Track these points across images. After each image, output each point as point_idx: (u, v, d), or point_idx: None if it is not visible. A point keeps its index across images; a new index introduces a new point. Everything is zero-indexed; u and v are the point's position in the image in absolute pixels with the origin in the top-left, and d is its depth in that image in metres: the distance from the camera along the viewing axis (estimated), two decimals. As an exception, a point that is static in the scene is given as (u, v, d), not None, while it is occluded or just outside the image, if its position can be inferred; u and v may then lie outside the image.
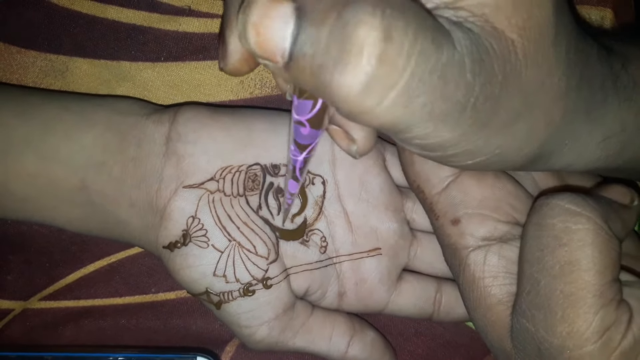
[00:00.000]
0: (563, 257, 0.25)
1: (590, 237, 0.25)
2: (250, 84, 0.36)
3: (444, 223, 0.30)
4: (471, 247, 0.29)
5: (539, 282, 0.25)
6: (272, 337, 0.33)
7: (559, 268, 0.25)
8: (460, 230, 0.29)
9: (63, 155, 0.31)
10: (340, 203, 0.34)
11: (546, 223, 0.26)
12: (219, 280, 0.31)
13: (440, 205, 0.30)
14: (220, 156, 0.32)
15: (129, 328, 0.36)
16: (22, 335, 0.36)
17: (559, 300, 0.25)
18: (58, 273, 0.36)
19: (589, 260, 0.24)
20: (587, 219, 0.25)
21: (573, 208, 0.25)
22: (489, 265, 0.28)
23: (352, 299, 0.34)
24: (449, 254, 0.30)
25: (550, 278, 0.25)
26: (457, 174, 0.30)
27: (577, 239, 0.25)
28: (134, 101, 0.34)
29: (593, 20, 0.38)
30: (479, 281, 0.28)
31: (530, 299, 0.26)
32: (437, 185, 0.30)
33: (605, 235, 0.25)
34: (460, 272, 0.29)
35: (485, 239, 0.29)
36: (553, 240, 0.25)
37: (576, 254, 0.24)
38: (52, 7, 0.35)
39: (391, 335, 0.37)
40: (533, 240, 0.26)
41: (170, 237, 0.31)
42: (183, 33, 0.36)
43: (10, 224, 0.36)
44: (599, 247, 0.25)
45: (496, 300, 0.28)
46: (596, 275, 0.24)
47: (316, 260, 0.33)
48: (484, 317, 0.29)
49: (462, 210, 0.29)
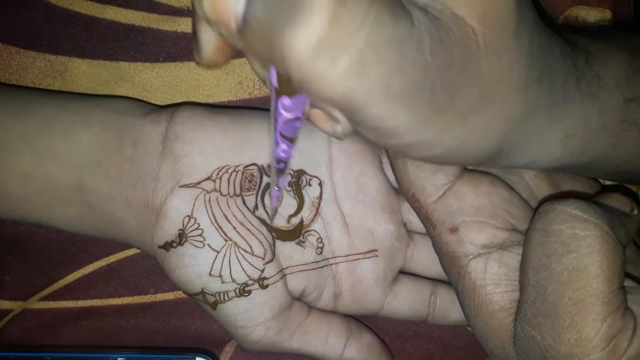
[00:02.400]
0: (571, 264, 0.24)
1: (598, 244, 0.24)
2: (249, 85, 0.36)
3: (441, 231, 0.29)
4: (471, 255, 0.29)
5: (545, 289, 0.25)
6: (269, 337, 0.32)
7: (567, 275, 0.24)
8: (458, 238, 0.29)
9: (60, 155, 0.31)
10: (337, 204, 0.34)
11: (553, 229, 0.25)
12: (215, 280, 0.31)
13: (437, 214, 0.30)
14: (217, 156, 0.32)
15: (128, 328, 0.36)
16: (21, 335, 0.36)
17: (567, 307, 0.24)
18: (57, 273, 0.37)
19: (597, 267, 0.24)
20: (594, 225, 0.25)
21: (580, 214, 0.25)
22: (490, 273, 0.28)
23: (347, 300, 0.34)
24: (447, 262, 0.30)
25: (557, 285, 0.25)
26: (453, 182, 0.29)
27: (585, 245, 0.24)
28: (131, 101, 0.34)
29: (592, 21, 0.37)
30: (480, 289, 0.28)
31: (537, 306, 0.25)
32: (432, 193, 0.30)
33: (612, 242, 0.25)
34: (460, 281, 0.29)
35: (485, 247, 0.29)
36: (560, 246, 0.25)
37: (585, 261, 0.24)
38: (51, 7, 0.35)
39: (389, 337, 0.37)
40: (538, 247, 0.26)
41: (166, 237, 0.31)
42: (182, 33, 0.36)
43: (9, 224, 0.36)
44: (606, 254, 0.24)
45: (498, 307, 0.28)
46: (604, 282, 0.24)
47: (312, 261, 0.33)
48: (485, 325, 0.28)
49: (460, 218, 0.29)
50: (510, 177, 0.32)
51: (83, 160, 0.31)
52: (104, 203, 0.32)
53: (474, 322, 0.29)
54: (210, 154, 0.32)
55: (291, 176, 0.33)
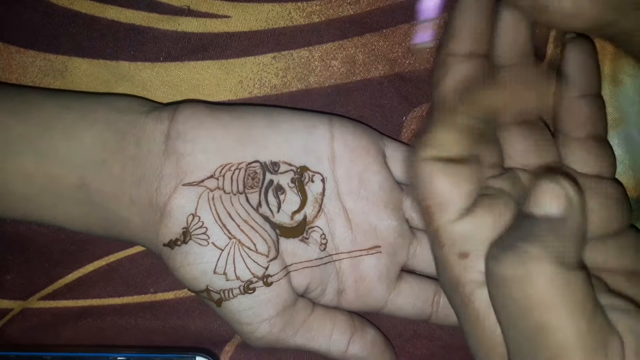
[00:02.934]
0: (533, 323, 0.23)
1: (552, 290, 0.23)
2: (250, 84, 0.37)
3: (449, 253, 0.28)
4: (477, 283, 0.27)
5: (521, 347, 0.25)
6: (273, 334, 0.32)
7: (535, 333, 0.24)
8: (467, 264, 0.28)
9: (62, 154, 0.31)
10: (340, 200, 0.34)
11: (504, 278, 0.24)
12: (220, 277, 0.31)
13: (448, 235, 0.28)
14: (220, 154, 0.32)
15: (128, 328, 0.36)
16: (21, 334, 0.36)
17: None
18: (57, 273, 0.36)
19: (560, 317, 0.23)
20: (539, 263, 0.23)
21: (522, 257, 0.23)
22: None
23: (351, 297, 0.34)
24: (448, 286, 0.29)
25: (530, 343, 0.24)
26: (474, 206, 0.28)
27: (537, 298, 0.23)
28: (133, 99, 0.34)
29: None
30: (484, 320, 0.27)
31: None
32: (450, 213, 0.28)
33: (565, 274, 0.23)
34: (462, 308, 0.28)
35: None
36: (516, 306, 0.24)
37: (544, 317, 0.23)
38: (51, 6, 0.35)
39: (390, 336, 0.37)
40: (497, 301, 0.25)
41: (170, 235, 0.31)
42: (182, 33, 0.36)
43: (9, 223, 0.36)
44: (564, 296, 0.23)
45: (501, 340, 0.27)
46: (573, 328, 0.23)
47: (316, 258, 0.33)
48: (487, 357, 0.28)
49: (473, 246, 0.28)
50: None
51: (86, 159, 0.31)
52: (108, 202, 0.32)
53: (476, 352, 0.28)
54: (212, 152, 0.32)
55: (294, 173, 0.33)
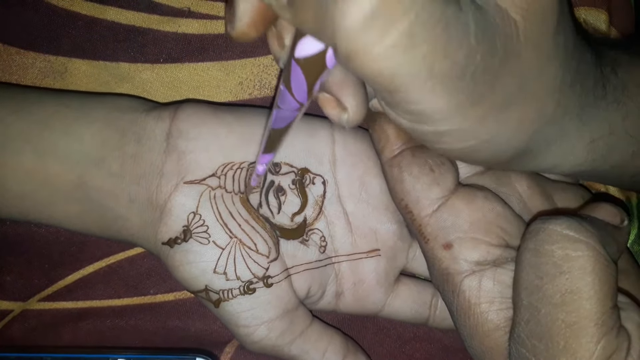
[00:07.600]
0: (564, 286, 0.24)
1: (590, 265, 0.24)
2: (250, 85, 0.37)
3: (434, 247, 0.29)
4: (465, 273, 0.28)
5: (539, 310, 0.25)
6: (270, 339, 0.32)
7: (560, 297, 0.24)
8: (452, 255, 0.29)
9: (61, 152, 0.31)
10: (340, 203, 0.34)
11: (544, 249, 0.25)
12: (219, 277, 0.31)
13: (430, 229, 0.29)
14: (222, 153, 0.32)
15: (128, 329, 0.36)
16: (21, 336, 0.36)
17: (561, 330, 0.24)
18: (57, 274, 0.36)
19: (590, 288, 0.24)
20: (586, 245, 0.25)
21: (571, 234, 0.25)
22: (485, 291, 0.28)
23: (349, 300, 0.34)
24: (439, 279, 0.30)
25: (551, 307, 0.25)
26: (448, 196, 0.29)
27: (577, 266, 0.24)
28: (133, 98, 0.34)
29: (590, 22, 0.38)
30: (475, 307, 0.28)
31: (530, 328, 0.25)
32: (427, 207, 0.29)
33: (605, 261, 0.25)
34: (453, 299, 0.29)
35: (479, 264, 0.28)
36: (552, 267, 0.25)
37: (577, 283, 0.24)
38: (51, 8, 0.36)
39: (390, 338, 0.37)
40: (531, 268, 0.26)
41: (170, 233, 0.31)
42: (182, 34, 0.36)
43: (9, 224, 0.36)
44: (599, 275, 0.24)
45: (493, 326, 0.28)
46: (598, 303, 0.24)
47: (315, 260, 0.33)
48: (481, 345, 0.28)
49: (454, 234, 0.29)
50: (503, 188, 0.31)
51: (85, 157, 0.31)
52: (106, 200, 0.31)
53: (469, 341, 0.29)
54: (214, 151, 0.32)
55: (295, 174, 0.33)
